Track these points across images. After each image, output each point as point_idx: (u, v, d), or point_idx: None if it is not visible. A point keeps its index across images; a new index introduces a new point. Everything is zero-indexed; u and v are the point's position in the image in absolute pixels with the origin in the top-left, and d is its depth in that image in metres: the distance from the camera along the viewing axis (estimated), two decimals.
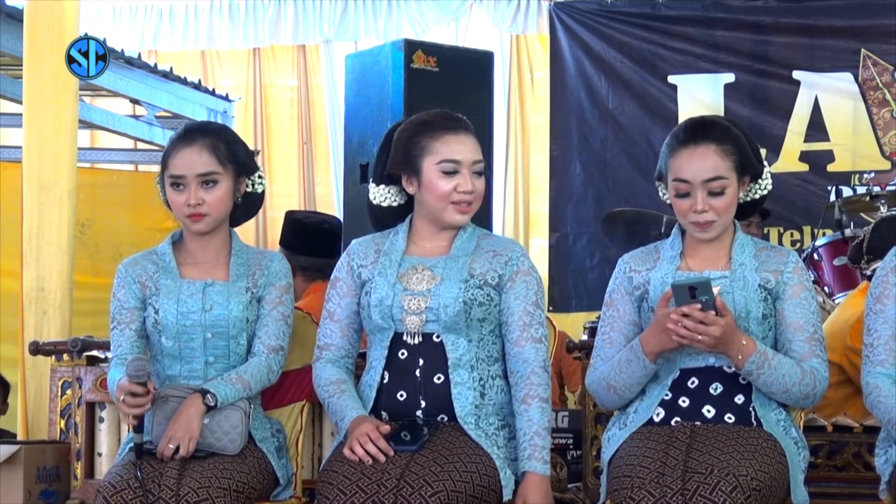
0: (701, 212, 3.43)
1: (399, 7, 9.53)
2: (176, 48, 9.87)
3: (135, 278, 3.64)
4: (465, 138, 3.52)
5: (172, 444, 3.40)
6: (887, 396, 3.30)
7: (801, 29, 8.92)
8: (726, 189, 3.43)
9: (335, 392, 3.50)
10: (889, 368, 3.35)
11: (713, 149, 3.43)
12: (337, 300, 3.59)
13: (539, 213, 9.48)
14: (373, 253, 3.58)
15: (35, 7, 5.44)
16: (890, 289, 3.37)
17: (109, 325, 3.65)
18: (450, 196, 3.49)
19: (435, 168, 3.48)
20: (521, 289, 3.51)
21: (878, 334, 3.37)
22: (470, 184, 3.49)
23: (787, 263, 3.48)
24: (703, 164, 3.42)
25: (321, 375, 3.57)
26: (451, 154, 3.49)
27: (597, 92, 9.16)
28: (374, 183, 3.62)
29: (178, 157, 3.61)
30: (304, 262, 5.38)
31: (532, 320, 3.49)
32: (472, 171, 3.50)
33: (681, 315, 3.28)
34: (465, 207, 3.51)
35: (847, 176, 8.77)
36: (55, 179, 5.31)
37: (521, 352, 3.48)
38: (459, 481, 3.28)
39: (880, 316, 3.38)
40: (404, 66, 6.77)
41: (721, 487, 3.14)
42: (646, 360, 3.40)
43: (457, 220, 3.52)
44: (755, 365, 3.34)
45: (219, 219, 3.64)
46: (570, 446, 5.50)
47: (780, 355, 3.39)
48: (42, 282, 5.26)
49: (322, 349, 3.60)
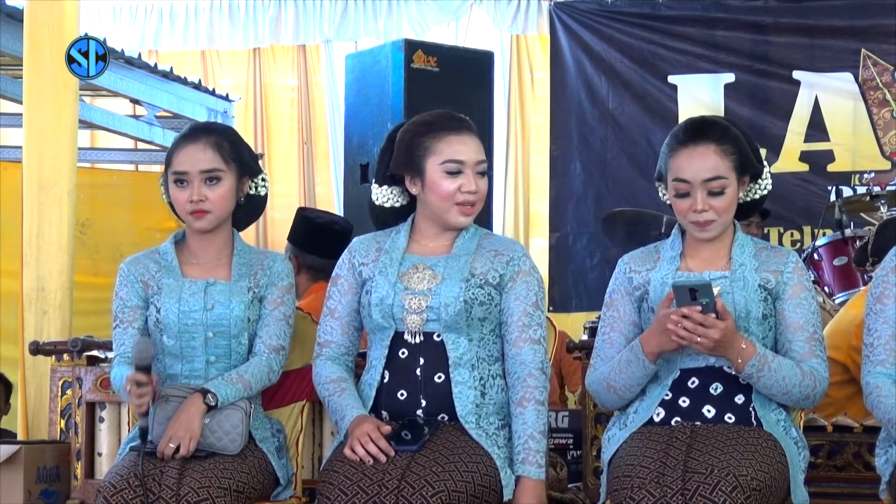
0: (701, 211, 3.43)
1: (399, 7, 9.53)
2: (176, 48, 9.87)
3: (137, 277, 3.64)
4: (469, 139, 3.52)
5: (173, 443, 3.40)
6: (887, 396, 3.30)
7: (802, 29, 8.93)
8: (726, 189, 3.43)
9: (335, 391, 3.50)
10: (889, 368, 3.35)
11: (713, 149, 3.43)
12: (338, 297, 3.59)
13: (539, 213, 9.49)
14: (374, 251, 3.58)
15: (35, 7, 5.44)
16: (890, 288, 3.37)
17: (111, 324, 3.64)
18: (454, 196, 3.49)
19: (439, 168, 3.48)
20: (522, 289, 3.51)
21: (878, 334, 3.37)
22: (473, 184, 3.50)
23: (787, 263, 3.48)
24: (703, 164, 3.42)
25: (321, 373, 3.56)
26: (455, 154, 3.49)
27: (597, 92, 9.17)
28: (376, 184, 3.62)
29: (183, 153, 3.61)
30: (310, 260, 5.38)
31: (531, 321, 3.49)
32: (475, 172, 3.50)
33: (680, 316, 3.29)
34: (469, 209, 3.51)
35: (847, 176, 8.77)
36: (55, 179, 5.32)
37: (519, 353, 3.47)
38: (460, 481, 3.27)
39: (880, 316, 3.38)
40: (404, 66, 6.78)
41: (721, 487, 3.14)
42: (646, 361, 3.40)
43: (460, 221, 3.52)
44: (755, 368, 3.34)
45: (221, 216, 3.63)
46: (570, 446, 5.50)
47: (779, 357, 3.39)
48: (42, 282, 5.27)
49: (322, 346, 3.60)
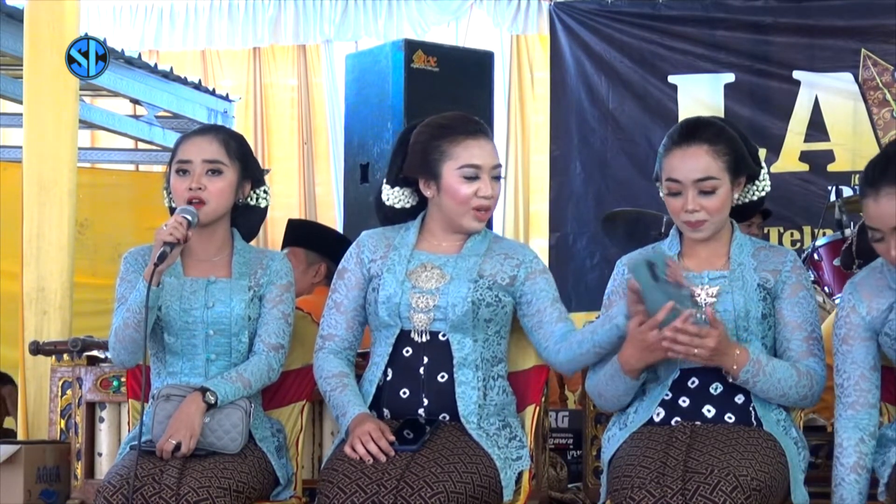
0: (692, 211, 3.44)
1: (399, 7, 9.53)
2: (176, 48, 9.87)
3: (143, 267, 3.61)
4: (485, 143, 3.53)
5: (174, 440, 3.40)
6: (842, 455, 3.34)
7: (801, 29, 8.92)
8: (717, 189, 3.44)
9: (337, 386, 3.50)
10: (860, 411, 3.36)
11: (705, 149, 3.44)
12: (344, 291, 3.59)
13: (539, 213, 9.49)
14: (383, 247, 3.58)
15: (35, 7, 5.44)
16: (854, 329, 3.38)
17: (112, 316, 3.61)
18: (470, 201, 3.50)
19: (456, 173, 3.49)
20: (543, 283, 3.53)
21: (847, 375, 3.38)
22: (490, 188, 3.51)
23: (786, 262, 3.49)
24: (695, 164, 3.43)
25: (323, 366, 3.56)
26: (472, 159, 3.50)
27: (597, 92, 9.16)
28: (387, 184, 3.62)
29: (188, 144, 3.64)
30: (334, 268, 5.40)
31: (560, 314, 3.53)
32: (491, 176, 3.52)
33: (675, 331, 3.27)
34: (484, 214, 3.53)
35: (847, 176, 8.76)
36: (55, 179, 5.32)
37: (563, 327, 3.51)
38: (459, 482, 3.27)
39: (848, 357, 3.39)
40: (404, 66, 6.79)
41: (721, 487, 3.14)
42: (627, 378, 3.40)
43: (474, 226, 3.54)
44: (750, 374, 3.34)
45: (218, 210, 3.63)
46: (570, 446, 5.51)
47: (774, 360, 3.40)
48: (42, 282, 5.27)
49: (325, 339, 3.59)
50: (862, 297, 3.39)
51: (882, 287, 3.38)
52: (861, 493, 3.33)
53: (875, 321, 3.37)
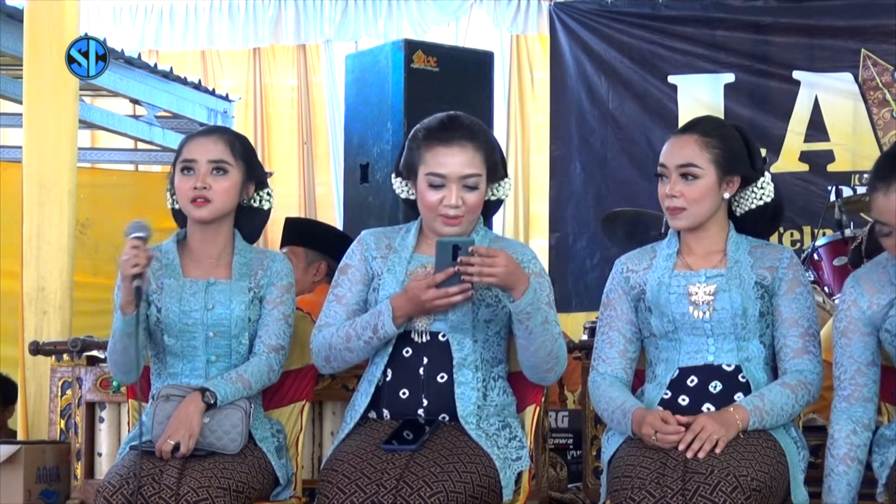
0: (671, 196, 3.45)
1: (399, 7, 9.53)
2: (176, 48, 9.87)
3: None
4: (458, 151, 3.47)
5: (172, 440, 3.40)
6: (833, 447, 3.36)
7: (801, 29, 8.92)
8: (699, 179, 3.45)
9: (349, 324, 3.48)
10: (854, 403, 3.38)
11: (694, 139, 3.48)
12: (348, 285, 3.57)
13: (539, 213, 9.49)
14: (384, 247, 3.58)
15: (35, 7, 5.44)
16: (854, 323, 3.39)
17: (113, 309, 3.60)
18: (437, 208, 3.47)
19: (424, 178, 3.49)
20: (535, 285, 3.50)
21: (844, 368, 3.40)
22: (455, 198, 3.45)
23: (783, 259, 3.49)
24: (680, 150, 3.47)
25: (322, 335, 3.51)
26: (438, 167, 3.46)
27: (597, 92, 9.16)
28: (394, 174, 3.62)
29: (194, 144, 3.65)
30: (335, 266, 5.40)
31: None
32: (461, 185, 3.46)
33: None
34: (453, 220, 3.48)
35: (847, 176, 8.77)
36: (55, 179, 5.32)
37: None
38: (459, 482, 3.27)
39: (846, 350, 3.40)
40: (404, 66, 6.78)
41: (721, 488, 3.14)
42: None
43: (444, 231, 3.49)
44: (758, 423, 3.34)
45: (222, 209, 3.63)
46: (570, 446, 5.51)
47: (767, 395, 3.38)
48: (42, 282, 5.27)
49: (321, 328, 3.55)
50: (864, 291, 3.40)
51: (885, 282, 3.39)
52: (850, 483, 3.34)
53: (875, 316, 3.37)
